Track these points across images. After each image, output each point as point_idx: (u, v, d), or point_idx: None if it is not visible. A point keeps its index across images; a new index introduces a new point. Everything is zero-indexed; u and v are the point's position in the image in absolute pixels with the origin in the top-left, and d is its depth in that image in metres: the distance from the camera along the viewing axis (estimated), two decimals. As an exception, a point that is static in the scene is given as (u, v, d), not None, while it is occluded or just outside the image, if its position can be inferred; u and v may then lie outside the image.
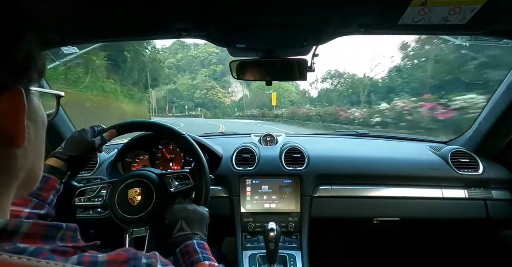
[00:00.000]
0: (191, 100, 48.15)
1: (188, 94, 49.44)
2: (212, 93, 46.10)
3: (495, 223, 1.24)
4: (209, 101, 46.03)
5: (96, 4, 0.68)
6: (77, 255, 0.30)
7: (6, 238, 0.27)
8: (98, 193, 0.86)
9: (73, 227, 0.33)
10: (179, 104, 47.73)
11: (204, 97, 46.45)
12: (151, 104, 20.61)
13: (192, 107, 46.38)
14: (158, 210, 0.81)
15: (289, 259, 1.09)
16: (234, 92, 50.09)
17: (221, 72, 54.71)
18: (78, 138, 0.80)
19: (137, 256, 0.33)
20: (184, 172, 0.88)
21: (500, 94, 1.13)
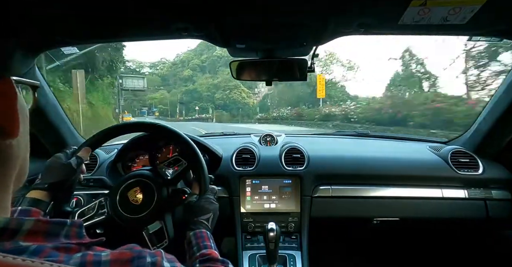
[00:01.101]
0: (211, 101, 44.38)
1: (208, 94, 45.44)
2: (235, 93, 41.22)
3: (495, 223, 1.24)
4: (231, 102, 41.41)
5: (95, 4, 0.68)
6: (81, 253, 0.29)
7: (7, 237, 0.27)
8: (98, 210, 0.85)
9: (78, 223, 0.33)
10: (199, 106, 44.56)
11: (226, 98, 41.72)
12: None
13: (209, 108, 42.80)
14: (162, 200, 0.82)
15: (289, 259, 1.09)
16: (260, 93, 45.33)
17: None
18: (53, 164, 0.77)
19: (142, 254, 0.33)
20: (175, 157, 0.89)
21: (500, 94, 1.13)
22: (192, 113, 43.24)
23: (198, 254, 0.66)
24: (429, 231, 1.51)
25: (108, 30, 0.87)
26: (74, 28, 0.83)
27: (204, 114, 40.64)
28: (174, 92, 50.04)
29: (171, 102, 49.22)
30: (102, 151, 1.32)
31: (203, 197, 0.82)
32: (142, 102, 56.24)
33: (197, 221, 0.76)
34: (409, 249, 1.59)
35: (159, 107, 51.36)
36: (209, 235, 0.74)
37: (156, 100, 52.05)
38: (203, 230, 0.74)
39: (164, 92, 51.66)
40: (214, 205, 0.82)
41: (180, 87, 48.19)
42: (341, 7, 0.70)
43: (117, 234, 0.80)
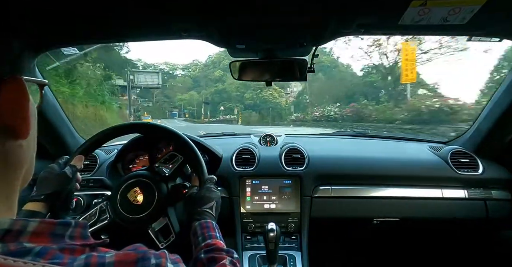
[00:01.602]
0: (240, 101, 41.13)
1: (237, 94, 42.07)
2: (266, 92, 37.80)
3: (495, 223, 1.24)
4: (262, 101, 37.98)
5: (95, 5, 0.68)
6: (85, 255, 0.29)
7: (11, 238, 0.26)
8: (100, 215, 0.84)
9: (82, 224, 0.33)
10: (226, 106, 40.91)
11: (256, 98, 38.56)
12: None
13: (234, 108, 39.21)
14: (163, 197, 0.82)
15: (289, 259, 1.09)
16: (293, 92, 42.46)
17: None
18: (47, 175, 0.76)
19: (146, 256, 0.32)
20: (170, 153, 0.89)
21: (500, 94, 1.13)
22: (218, 114, 40.54)
23: (203, 244, 0.66)
24: (429, 231, 1.51)
25: (108, 30, 0.87)
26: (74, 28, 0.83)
27: (228, 115, 37.42)
28: (204, 93, 48.28)
29: (198, 103, 47.40)
30: (102, 151, 1.32)
31: (203, 187, 0.82)
32: (173, 104, 54.84)
33: (201, 211, 0.76)
34: (409, 249, 1.59)
35: (188, 108, 49.89)
36: (215, 225, 0.73)
37: (185, 101, 51.05)
38: (208, 220, 0.74)
39: (194, 93, 50.49)
40: (216, 193, 0.82)
41: (209, 88, 46.55)
42: (341, 7, 0.70)
43: (123, 236, 0.80)
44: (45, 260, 0.26)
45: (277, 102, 38.16)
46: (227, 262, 0.60)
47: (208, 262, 0.61)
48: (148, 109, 52.33)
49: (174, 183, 0.88)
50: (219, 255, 0.62)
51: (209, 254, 0.62)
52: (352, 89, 20.07)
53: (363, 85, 19.41)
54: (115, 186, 0.86)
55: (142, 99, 50.71)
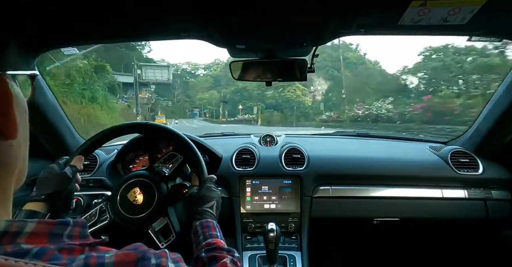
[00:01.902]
0: (261, 100, 38.09)
1: (258, 93, 39.13)
2: (288, 90, 34.87)
3: (495, 223, 1.24)
4: (284, 101, 34.99)
5: (95, 5, 0.68)
6: (84, 255, 0.29)
7: (8, 240, 0.26)
8: (100, 215, 0.84)
9: (81, 223, 0.32)
10: (247, 106, 38.34)
11: (278, 96, 35.85)
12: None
13: (253, 107, 36.03)
14: (164, 197, 0.82)
15: (289, 259, 1.08)
16: (317, 91, 38.91)
17: None
18: (48, 175, 0.76)
19: (146, 255, 0.32)
20: (169, 153, 0.89)
21: (500, 94, 1.14)
22: (238, 114, 37.81)
23: (204, 243, 0.66)
24: (429, 231, 1.51)
25: (108, 30, 0.87)
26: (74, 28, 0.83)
27: (247, 115, 34.22)
28: (224, 92, 45.71)
29: (218, 102, 45.05)
30: (102, 151, 1.32)
31: (203, 187, 0.82)
32: (194, 103, 53.42)
33: (202, 211, 0.76)
34: (409, 249, 1.59)
35: (208, 107, 47.97)
36: (215, 224, 0.74)
37: (205, 100, 49.07)
38: (209, 219, 0.74)
39: (214, 92, 48.15)
40: (216, 193, 0.82)
41: (230, 87, 43.75)
42: (341, 7, 0.70)
43: (123, 237, 0.80)
44: (44, 261, 0.26)
45: (300, 101, 34.70)
46: (228, 261, 0.60)
47: (209, 261, 0.61)
48: (168, 109, 50.24)
49: (174, 183, 0.88)
50: (220, 254, 0.62)
51: (210, 253, 0.63)
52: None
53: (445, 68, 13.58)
54: (115, 186, 0.86)
55: (162, 98, 49.35)
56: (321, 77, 39.61)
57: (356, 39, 49.15)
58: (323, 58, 38.84)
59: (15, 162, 0.31)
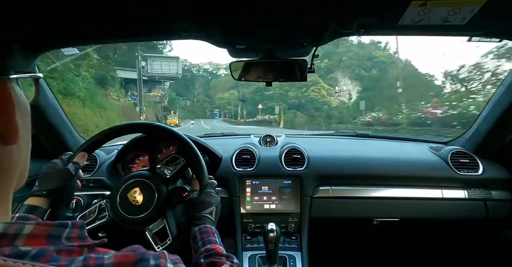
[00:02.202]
0: (283, 100, 35.38)
1: (280, 93, 36.41)
2: (313, 90, 31.87)
3: (495, 223, 1.24)
4: (308, 101, 31.99)
5: (96, 5, 0.68)
6: (83, 256, 0.29)
7: (6, 243, 0.26)
8: (99, 213, 0.84)
9: (79, 224, 0.32)
10: (268, 106, 35.16)
11: (302, 96, 32.83)
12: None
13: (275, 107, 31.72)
14: (163, 199, 0.81)
15: (289, 260, 1.08)
16: (342, 92, 36.61)
17: (327, 68, 39.40)
18: (50, 171, 0.75)
19: (145, 257, 0.32)
20: (172, 155, 0.88)
21: (500, 94, 1.14)
22: (257, 114, 34.56)
23: (202, 249, 0.66)
24: (429, 231, 1.51)
25: (108, 30, 0.87)
26: (74, 28, 0.83)
27: (267, 115, 30.43)
28: (245, 91, 43.25)
29: (237, 102, 42.65)
30: (102, 152, 1.32)
31: (203, 192, 0.82)
32: (214, 103, 51.66)
33: (201, 216, 0.76)
34: (409, 250, 1.59)
35: (228, 108, 45.81)
36: (214, 230, 0.74)
37: (225, 100, 46.57)
38: (207, 225, 0.74)
39: (234, 91, 45.42)
40: (215, 198, 0.82)
41: (250, 86, 41.10)
42: (341, 8, 0.70)
43: (120, 236, 0.80)
44: (42, 263, 0.26)
45: (324, 101, 31.93)
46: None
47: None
48: (187, 109, 48.70)
49: (174, 185, 0.87)
50: (219, 260, 0.62)
51: (208, 259, 0.62)
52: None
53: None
54: (115, 185, 0.86)
55: (181, 98, 47.65)
56: (347, 76, 37.51)
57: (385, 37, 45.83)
58: (350, 57, 37.07)
59: (15, 166, 0.31)
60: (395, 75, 21.22)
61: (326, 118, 26.01)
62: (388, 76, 26.13)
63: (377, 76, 30.92)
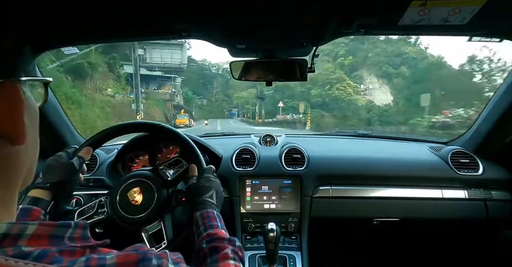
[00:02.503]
0: (305, 99, 31.90)
1: (302, 91, 33.31)
2: (337, 88, 28.92)
3: (495, 223, 1.24)
4: (332, 99, 28.78)
5: (96, 4, 0.68)
6: (85, 257, 0.29)
7: (9, 243, 0.26)
8: (98, 209, 0.85)
9: (82, 225, 0.33)
10: (288, 105, 32.50)
11: (325, 95, 29.62)
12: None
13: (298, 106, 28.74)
14: (162, 201, 0.82)
15: (289, 259, 1.08)
16: (369, 90, 33.46)
17: (351, 65, 37.19)
18: (55, 164, 0.76)
19: (147, 256, 0.32)
20: (175, 158, 0.89)
21: (500, 94, 1.14)
22: (278, 113, 31.00)
23: (205, 234, 0.67)
24: (429, 231, 1.51)
25: (108, 30, 0.87)
26: (74, 28, 0.83)
27: (289, 114, 27.17)
28: (263, 89, 37.43)
29: (255, 102, 38.18)
30: (102, 151, 1.32)
31: (202, 177, 0.82)
32: (232, 103, 49.90)
33: (202, 201, 0.76)
34: (409, 250, 1.59)
35: (246, 107, 43.12)
36: (216, 214, 0.73)
37: (243, 99, 43.75)
38: (209, 210, 0.74)
39: (253, 90, 41.36)
40: (215, 182, 0.82)
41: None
42: (341, 8, 0.70)
43: (116, 233, 0.80)
44: (44, 263, 0.26)
45: (350, 100, 28.46)
46: (229, 252, 0.60)
47: (210, 252, 0.61)
48: (204, 108, 46.93)
49: (175, 188, 0.87)
50: (221, 245, 0.62)
51: (210, 244, 0.63)
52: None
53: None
54: (117, 183, 0.86)
55: (198, 97, 45.86)
56: (373, 74, 35.06)
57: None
58: (376, 53, 34.73)
59: (21, 167, 0.32)
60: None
61: (361, 119, 21.91)
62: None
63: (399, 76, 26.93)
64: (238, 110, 47.73)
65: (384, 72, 33.90)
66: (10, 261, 0.23)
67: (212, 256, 0.60)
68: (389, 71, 33.26)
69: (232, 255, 0.60)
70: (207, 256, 0.61)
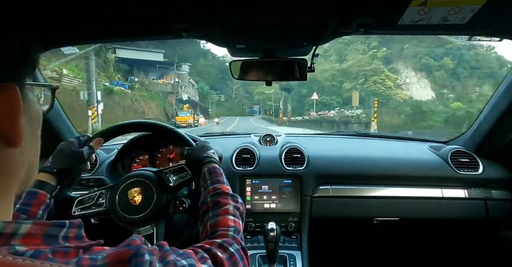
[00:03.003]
0: (336, 94, 28.97)
1: (332, 85, 29.84)
2: (375, 81, 25.25)
3: (495, 223, 1.24)
4: (368, 94, 24.81)
5: (96, 4, 0.68)
6: (76, 258, 0.29)
7: (3, 242, 0.26)
8: (97, 200, 0.85)
9: (76, 224, 0.32)
10: (320, 100, 27.63)
11: (360, 89, 25.93)
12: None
13: (334, 102, 25.46)
14: (160, 206, 0.81)
15: (289, 259, 1.09)
16: (406, 85, 29.93)
17: (384, 57, 33.67)
18: (65, 150, 0.78)
19: (140, 252, 0.32)
20: (181, 165, 0.88)
21: (500, 93, 1.14)
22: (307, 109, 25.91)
23: (211, 188, 0.72)
24: (429, 230, 1.51)
25: (108, 30, 0.87)
26: (74, 28, 0.83)
27: (336, 110, 20.81)
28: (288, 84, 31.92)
29: (279, 98, 32.28)
30: (102, 151, 1.32)
31: (198, 143, 0.89)
32: (254, 99, 48.08)
33: (207, 156, 0.82)
34: (409, 249, 1.59)
35: (268, 104, 40.50)
36: (221, 171, 0.79)
37: (265, 96, 40.66)
38: (216, 165, 0.80)
39: (276, 85, 35.08)
40: (210, 146, 0.88)
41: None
42: (341, 7, 0.70)
43: (109, 227, 0.82)
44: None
45: (389, 94, 24.27)
46: (231, 207, 0.65)
47: (213, 206, 0.66)
48: (222, 104, 44.10)
49: (175, 195, 0.87)
50: (224, 200, 0.68)
51: (214, 198, 0.68)
52: None
53: None
54: (120, 180, 0.86)
55: (215, 92, 43.15)
56: (410, 67, 31.82)
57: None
58: (414, 44, 31.69)
59: (17, 169, 0.32)
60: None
61: (434, 117, 16.97)
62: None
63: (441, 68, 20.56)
64: (260, 106, 45.52)
65: (424, 65, 30.25)
66: (8, 257, 0.23)
67: (214, 210, 0.65)
68: (430, 63, 29.71)
69: (233, 211, 0.65)
70: (209, 210, 0.65)
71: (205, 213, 0.66)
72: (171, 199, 0.84)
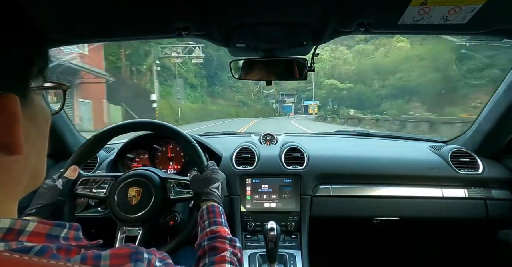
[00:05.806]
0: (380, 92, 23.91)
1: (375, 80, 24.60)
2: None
3: (495, 222, 1.24)
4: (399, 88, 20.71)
5: (96, 4, 0.68)
6: (80, 254, 0.30)
7: (12, 237, 0.28)
8: (100, 184, 0.86)
9: (75, 226, 0.34)
10: (369, 101, 24.11)
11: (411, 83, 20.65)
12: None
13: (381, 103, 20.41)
14: (154, 213, 0.81)
15: (289, 258, 1.09)
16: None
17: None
18: (41, 190, 0.78)
19: (139, 250, 0.34)
20: (186, 181, 0.86)
21: (500, 93, 1.13)
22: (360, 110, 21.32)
23: (208, 230, 0.67)
24: (429, 230, 1.52)
25: (108, 29, 0.87)
26: (75, 27, 0.83)
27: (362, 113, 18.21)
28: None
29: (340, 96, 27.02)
30: (102, 150, 1.32)
31: (208, 168, 0.83)
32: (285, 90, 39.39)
33: (208, 192, 0.76)
34: (409, 249, 1.59)
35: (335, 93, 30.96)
36: (221, 210, 0.74)
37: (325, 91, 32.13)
38: (215, 204, 0.74)
39: (333, 81, 30.94)
40: (221, 174, 0.83)
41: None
42: (341, 7, 0.70)
43: (102, 216, 0.85)
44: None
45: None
46: (228, 254, 0.61)
47: (210, 250, 0.62)
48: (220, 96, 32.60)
49: (170, 208, 0.88)
50: (221, 245, 0.63)
51: (211, 242, 0.64)
52: None
53: None
54: (125, 174, 0.86)
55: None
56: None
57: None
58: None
59: (21, 175, 0.32)
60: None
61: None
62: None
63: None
64: (295, 98, 30.80)
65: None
66: (15, 255, 0.24)
67: (210, 257, 0.61)
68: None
69: (230, 259, 0.61)
70: (206, 255, 0.62)
71: (200, 258, 0.62)
72: (165, 210, 0.84)
